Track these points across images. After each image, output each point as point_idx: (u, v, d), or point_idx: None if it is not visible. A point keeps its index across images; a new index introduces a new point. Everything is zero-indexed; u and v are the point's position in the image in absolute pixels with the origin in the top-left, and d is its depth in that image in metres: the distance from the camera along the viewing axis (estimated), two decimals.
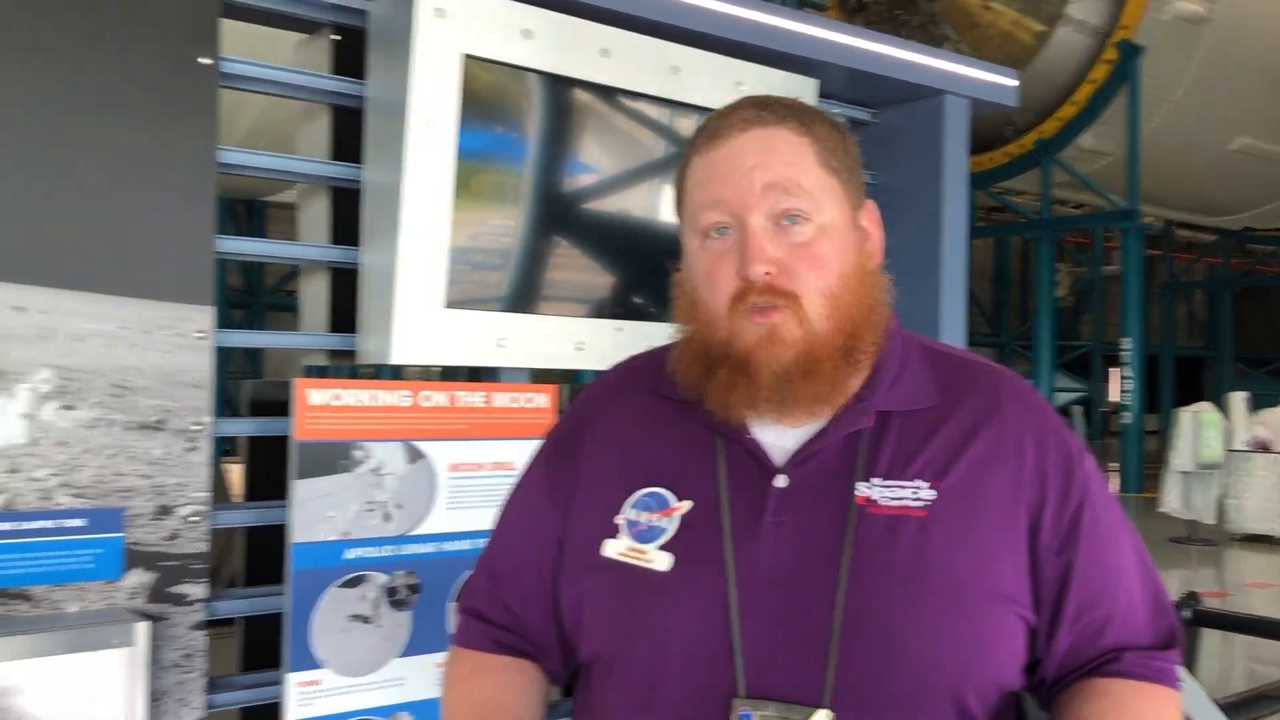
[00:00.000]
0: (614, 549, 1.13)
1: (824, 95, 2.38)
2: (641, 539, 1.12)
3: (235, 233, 1.54)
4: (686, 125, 2.10)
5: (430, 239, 1.81)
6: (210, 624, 1.71)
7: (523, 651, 1.24)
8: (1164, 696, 1.10)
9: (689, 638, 1.08)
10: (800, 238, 1.09)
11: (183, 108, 1.68)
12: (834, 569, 1.06)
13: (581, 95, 1.98)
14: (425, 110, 1.79)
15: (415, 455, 1.87)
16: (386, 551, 1.84)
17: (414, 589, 1.86)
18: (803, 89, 2.25)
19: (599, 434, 1.22)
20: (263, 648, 1.85)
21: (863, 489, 1.10)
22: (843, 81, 2.39)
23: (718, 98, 2.11)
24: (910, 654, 1.04)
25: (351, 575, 1.81)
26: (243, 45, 1.84)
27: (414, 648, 1.85)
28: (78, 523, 1.58)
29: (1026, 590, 1.09)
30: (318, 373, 2.23)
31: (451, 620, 1.31)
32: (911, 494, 1.09)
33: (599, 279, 2.06)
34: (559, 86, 1.94)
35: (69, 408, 1.58)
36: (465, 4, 1.80)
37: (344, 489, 1.79)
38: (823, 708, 1.03)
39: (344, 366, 2.07)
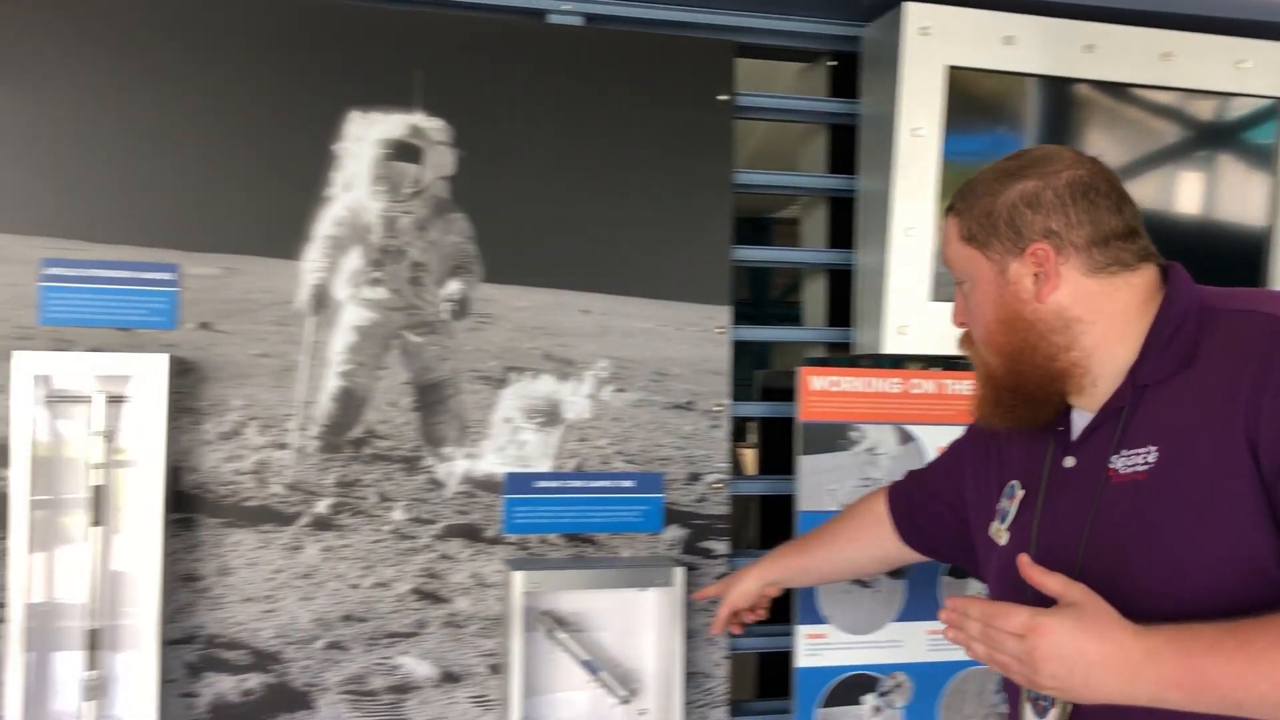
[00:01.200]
0: (992, 529, 1.43)
1: None
2: (1001, 520, 1.41)
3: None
4: (1187, 110, 2.07)
5: (917, 240, 1.97)
6: None
7: (905, 526, 1.68)
8: None
9: (1008, 597, 1.27)
10: (969, 299, 1.36)
11: (705, 139, 1.99)
12: (1078, 539, 1.24)
13: (1066, 91, 2.02)
14: (912, 121, 1.95)
15: (906, 438, 2.04)
16: None
17: None
18: None
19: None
20: (775, 603, 2.11)
21: (1114, 461, 1.23)
22: None
23: (1217, 79, 2.07)
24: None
25: None
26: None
27: (909, 614, 2.02)
28: (629, 484, 1.95)
29: (1262, 527, 1.10)
30: (816, 363, 2.46)
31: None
32: (1141, 459, 1.20)
33: None
34: (1043, 85, 2.01)
35: (621, 390, 1.95)
36: (949, 20, 1.94)
37: (842, 465, 2.01)
38: None
39: (836, 358, 2.29)
